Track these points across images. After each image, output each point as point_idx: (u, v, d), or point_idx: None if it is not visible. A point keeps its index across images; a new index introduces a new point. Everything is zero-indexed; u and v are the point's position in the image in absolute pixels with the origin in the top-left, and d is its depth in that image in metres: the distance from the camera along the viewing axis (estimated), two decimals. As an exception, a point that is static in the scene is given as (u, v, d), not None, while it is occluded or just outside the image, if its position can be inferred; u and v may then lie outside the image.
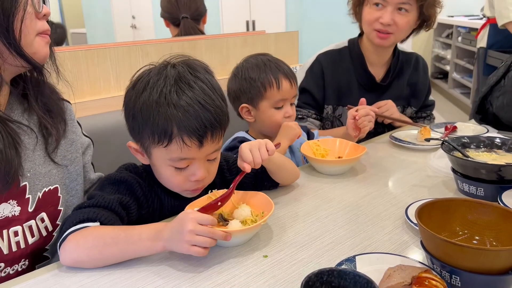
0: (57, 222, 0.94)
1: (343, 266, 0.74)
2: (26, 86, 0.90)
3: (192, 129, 0.84)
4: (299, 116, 1.60)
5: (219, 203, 0.90)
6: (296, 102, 1.61)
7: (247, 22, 4.68)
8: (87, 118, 1.35)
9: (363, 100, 1.42)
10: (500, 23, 2.90)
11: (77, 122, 1.05)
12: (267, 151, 0.95)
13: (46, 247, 0.93)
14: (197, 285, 0.75)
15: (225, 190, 0.94)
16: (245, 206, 0.93)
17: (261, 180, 1.08)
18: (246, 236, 0.87)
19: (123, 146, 0.97)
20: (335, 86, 1.60)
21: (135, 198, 0.92)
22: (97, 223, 0.82)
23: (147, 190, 0.94)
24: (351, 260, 0.77)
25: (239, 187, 0.97)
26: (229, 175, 1.06)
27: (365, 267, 0.75)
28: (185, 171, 0.90)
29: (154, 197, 0.96)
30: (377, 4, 1.46)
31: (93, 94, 1.45)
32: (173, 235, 0.78)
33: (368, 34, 1.53)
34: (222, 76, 1.85)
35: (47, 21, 0.88)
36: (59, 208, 0.94)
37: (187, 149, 0.86)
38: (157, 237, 0.79)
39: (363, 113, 1.33)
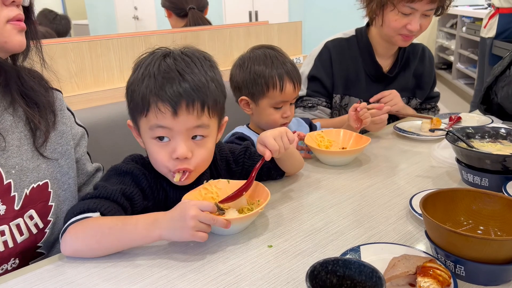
0: (49, 218, 0.91)
1: (347, 256, 0.75)
2: (7, 79, 0.85)
3: (166, 94, 0.85)
4: (309, 104, 1.59)
5: (244, 192, 0.92)
6: (305, 91, 1.61)
7: (250, 13, 4.66)
8: (90, 109, 1.35)
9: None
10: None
11: (70, 110, 1.01)
12: (288, 139, 0.97)
13: (39, 244, 0.91)
14: (202, 275, 0.75)
15: (219, 180, 0.95)
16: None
17: (268, 170, 1.08)
18: (243, 224, 0.88)
19: (127, 137, 0.97)
20: (343, 74, 1.60)
21: (140, 189, 0.92)
22: (97, 214, 0.82)
23: (152, 181, 0.94)
24: (356, 250, 0.77)
25: (244, 177, 0.97)
26: (234, 166, 1.06)
27: (369, 257, 0.75)
28: (167, 146, 0.88)
29: (159, 188, 0.96)
30: (406, 13, 1.44)
31: (97, 86, 1.45)
32: (174, 223, 0.78)
33: (391, 37, 1.52)
34: (225, 67, 1.84)
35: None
36: (50, 203, 0.91)
37: (162, 116, 0.85)
38: (154, 226, 0.79)
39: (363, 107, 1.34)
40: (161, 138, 0.88)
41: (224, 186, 0.95)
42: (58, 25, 2.92)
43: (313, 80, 1.61)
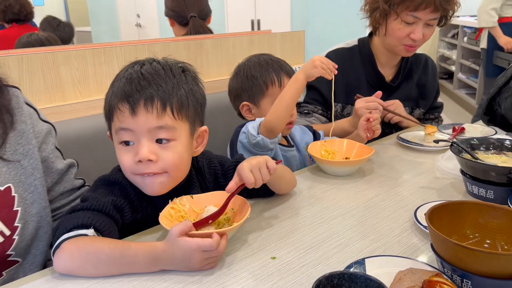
0: (15, 224, 0.86)
1: (352, 269, 0.74)
2: None
3: (124, 94, 0.85)
4: (305, 111, 1.59)
5: (210, 221, 0.86)
6: (303, 98, 1.61)
7: (252, 21, 4.68)
8: (93, 117, 1.35)
9: (379, 93, 1.41)
10: (479, 25, 3.01)
11: (32, 106, 0.94)
12: (269, 169, 0.89)
13: (9, 252, 0.87)
14: (205, 287, 0.74)
15: (182, 197, 0.91)
16: (212, 207, 0.89)
17: (256, 190, 1.00)
18: (231, 234, 0.86)
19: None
20: (345, 84, 1.60)
21: (128, 200, 0.90)
22: (91, 230, 0.80)
23: (140, 192, 0.92)
24: (361, 262, 0.76)
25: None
26: (223, 180, 1.02)
27: (374, 270, 0.74)
28: (131, 150, 0.87)
29: (147, 201, 0.93)
30: (409, 22, 1.44)
31: (100, 93, 1.45)
32: (178, 264, 0.77)
33: (395, 47, 1.52)
34: (228, 75, 1.84)
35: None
36: (15, 208, 0.87)
37: (122, 116, 0.85)
38: (154, 262, 0.77)
39: (372, 106, 1.34)
40: (127, 143, 0.87)
41: (189, 202, 0.92)
42: (62, 32, 2.93)
43: (311, 89, 1.61)
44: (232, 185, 0.88)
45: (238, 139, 1.23)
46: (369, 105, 1.35)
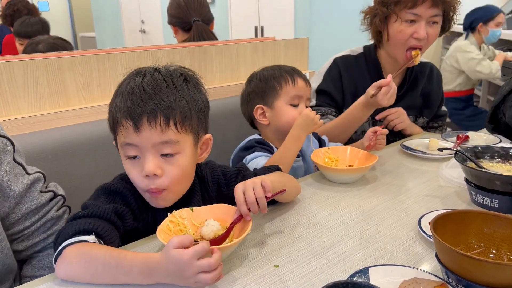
0: None
1: (356, 278, 0.73)
2: None
3: (127, 110, 0.85)
4: (319, 113, 1.59)
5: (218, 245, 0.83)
6: (314, 102, 1.61)
7: (256, 28, 4.69)
8: (97, 122, 1.35)
9: (390, 76, 1.34)
10: (486, 78, 3.15)
11: None
12: (263, 188, 0.87)
13: None
14: (208, 295, 0.74)
15: (182, 210, 0.90)
16: (212, 221, 0.87)
17: None
18: (230, 250, 0.83)
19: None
20: (352, 90, 1.59)
21: (130, 209, 0.90)
22: (93, 236, 0.79)
23: (141, 202, 0.92)
24: (365, 271, 0.75)
25: (229, 201, 0.92)
26: (226, 190, 1.02)
27: (379, 279, 0.73)
28: (138, 164, 0.87)
29: (147, 210, 0.93)
30: (410, 20, 1.42)
31: (104, 99, 1.45)
32: (173, 278, 0.73)
33: (396, 54, 1.50)
34: (232, 82, 1.85)
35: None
36: None
37: (126, 132, 0.85)
38: (150, 274, 0.74)
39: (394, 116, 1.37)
40: (133, 157, 0.88)
41: (188, 215, 0.90)
42: (27, 28, 2.75)
43: (321, 94, 1.60)
44: (237, 215, 0.87)
45: None
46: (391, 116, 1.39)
